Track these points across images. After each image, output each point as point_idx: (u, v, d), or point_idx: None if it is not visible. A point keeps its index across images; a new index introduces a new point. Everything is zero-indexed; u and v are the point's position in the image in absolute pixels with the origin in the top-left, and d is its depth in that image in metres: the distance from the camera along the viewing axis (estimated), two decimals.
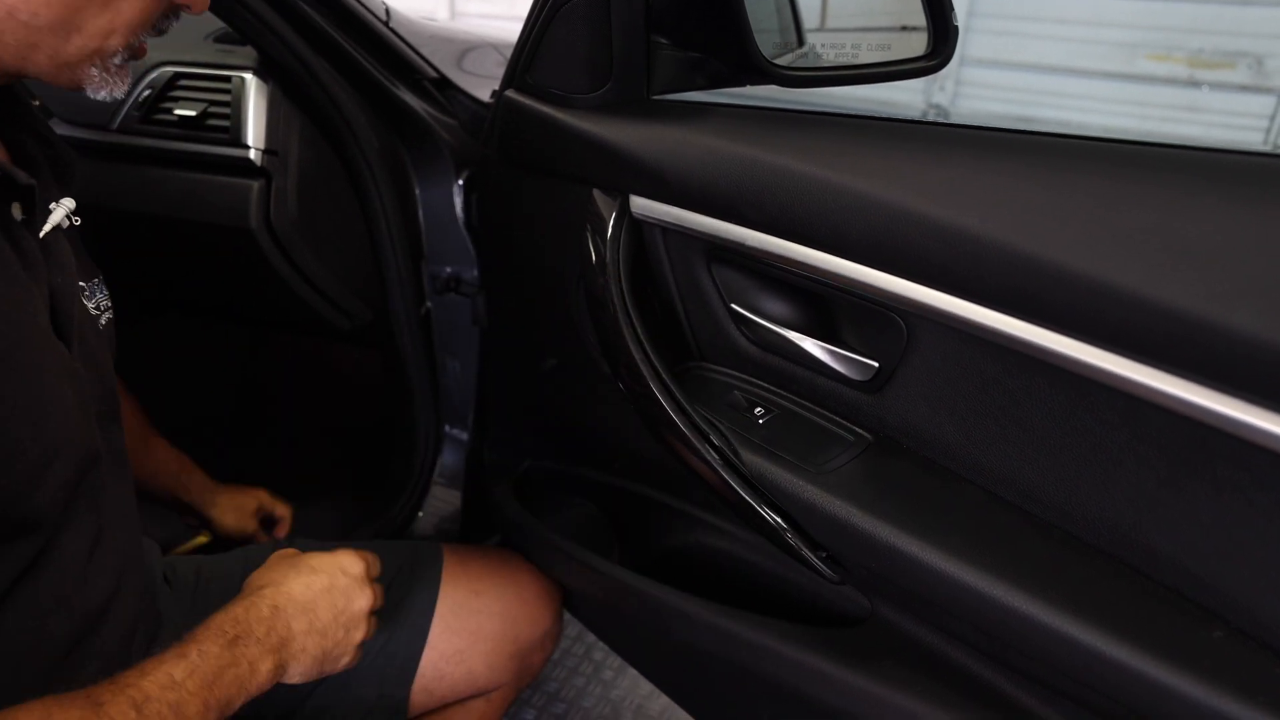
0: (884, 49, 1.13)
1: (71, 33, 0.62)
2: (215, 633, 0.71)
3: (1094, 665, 0.63)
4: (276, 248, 1.21)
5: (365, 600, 0.84)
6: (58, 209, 0.72)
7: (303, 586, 0.80)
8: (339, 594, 0.82)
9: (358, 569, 0.85)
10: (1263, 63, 5.54)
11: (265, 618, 0.76)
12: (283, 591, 0.79)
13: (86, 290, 0.79)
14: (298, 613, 0.78)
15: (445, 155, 1.25)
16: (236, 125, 1.18)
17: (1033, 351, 0.66)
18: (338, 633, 0.81)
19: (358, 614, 0.83)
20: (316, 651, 0.79)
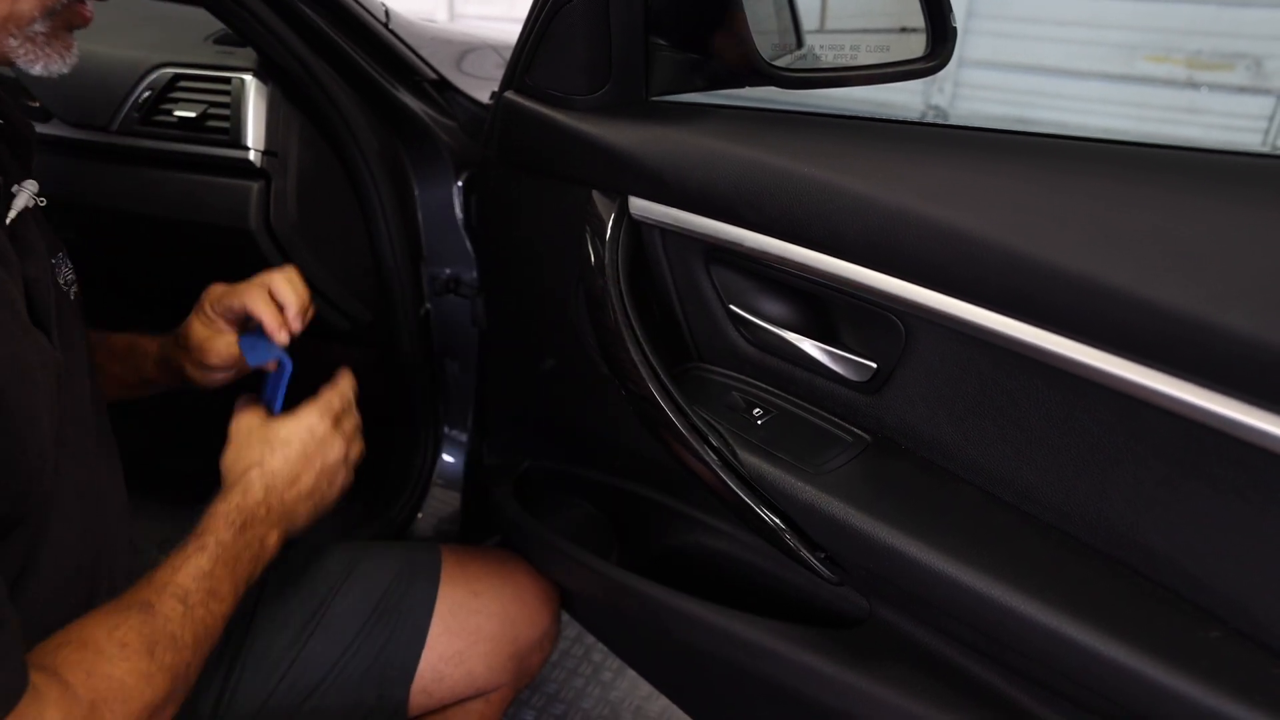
0: (883, 50, 1.13)
1: None
2: (224, 523, 0.79)
3: (1092, 665, 0.63)
4: (276, 249, 1.21)
5: (339, 448, 0.91)
6: (21, 193, 0.70)
7: (281, 460, 0.86)
8: (315, 455, 0.88)
9: (324, 425, 0.90)
10: (1261, 64, 5.54)
11: (261, 500, 0.83)
12: (267, 471, 0.85)
13: (55, 265, 0.78)
14: (286, 486, 0.86)
15: (444, 157, 1.25)
16: (236, 127, 1.18)
17: (1030, 352, 0.66)
18: (324, 487, 0.90)
19: (335, 464, 0.91)
20: (309, 509, 0.88)
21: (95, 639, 0.64)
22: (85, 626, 0.65)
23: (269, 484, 0.84)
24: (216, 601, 0.74)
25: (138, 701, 0.63)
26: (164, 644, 0.67)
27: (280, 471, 0.86)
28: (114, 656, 0.63)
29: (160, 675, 0.65)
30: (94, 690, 0.60)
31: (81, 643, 0.63)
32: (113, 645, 0.64)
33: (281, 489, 0.85)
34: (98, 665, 0.62)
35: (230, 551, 0.77)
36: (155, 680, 0.65)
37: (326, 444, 0.90)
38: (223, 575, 0.76)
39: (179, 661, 0.68)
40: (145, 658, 0.65)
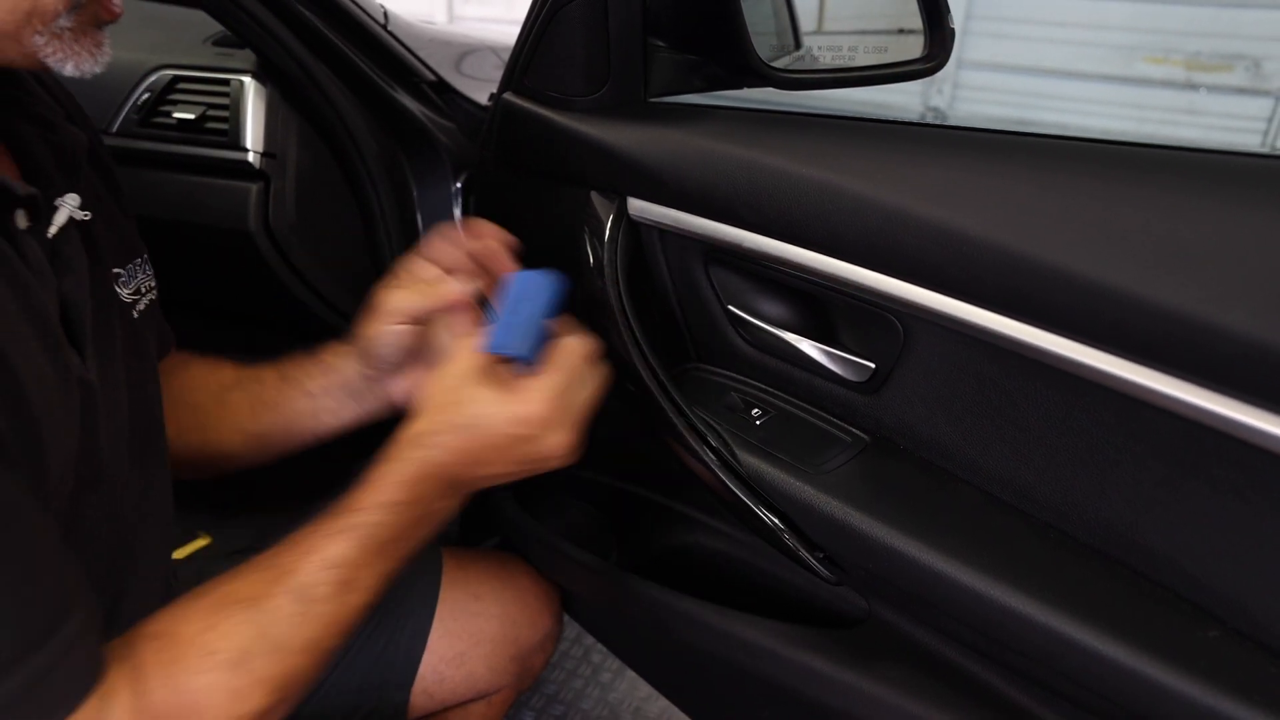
0: (881, 51, 1.13)
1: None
2: (383, 498, 0.66)
3: (1091, 665, 0.63)
4: (275, 250, 1.21)
5: (558, 442, 0.70)
6: (63, 207, 0.67)
7: (474, 442, 0.69)
8: (515, 448, 0.70)
9: (542, 415, 0.69)
10: (1260, 65, 5.55)
11: (438, 473, 0.69)
12: (460, 444, 0.69)
13: (124, 275, 0.74)
14: (475, 464, 0.70)
15: (443, 158, 1.25)
16: (235, 128, 1.18)
17: (1029, 352, 0.66)
18: (526, 470, 0.72)
19: (546, 459, 0.71)
20: (504, 481, 0.72)
21: (184, 638, 0.58)
22: (180, 618, 0.60)
23: (458, 458, 0.69)
24: (352, 593, 0.64)
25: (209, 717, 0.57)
26: (262, 652, 0.59)
27: (472, 451, 0.69)
28: (196, 667, 0.57)
29: (252, 689, 0.58)
30: (167, 701, 0.56)
31: (170, 638, 0.58)
32: (197, 651, 0.58)
33: (470, 465, 0.70)
34: (176, 673, 0.57)
35: (384, 534, 0.66)
36: (243, 695, 0.58)
37: (536, 441, 0.70)
38: (367, 562, 0.65)
39: (282, 671, 0.60)
40: (233, 670, 0.58)
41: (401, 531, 0.67)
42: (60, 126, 0.70)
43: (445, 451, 0.68)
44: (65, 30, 0.57)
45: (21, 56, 0.57)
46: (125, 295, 0.75)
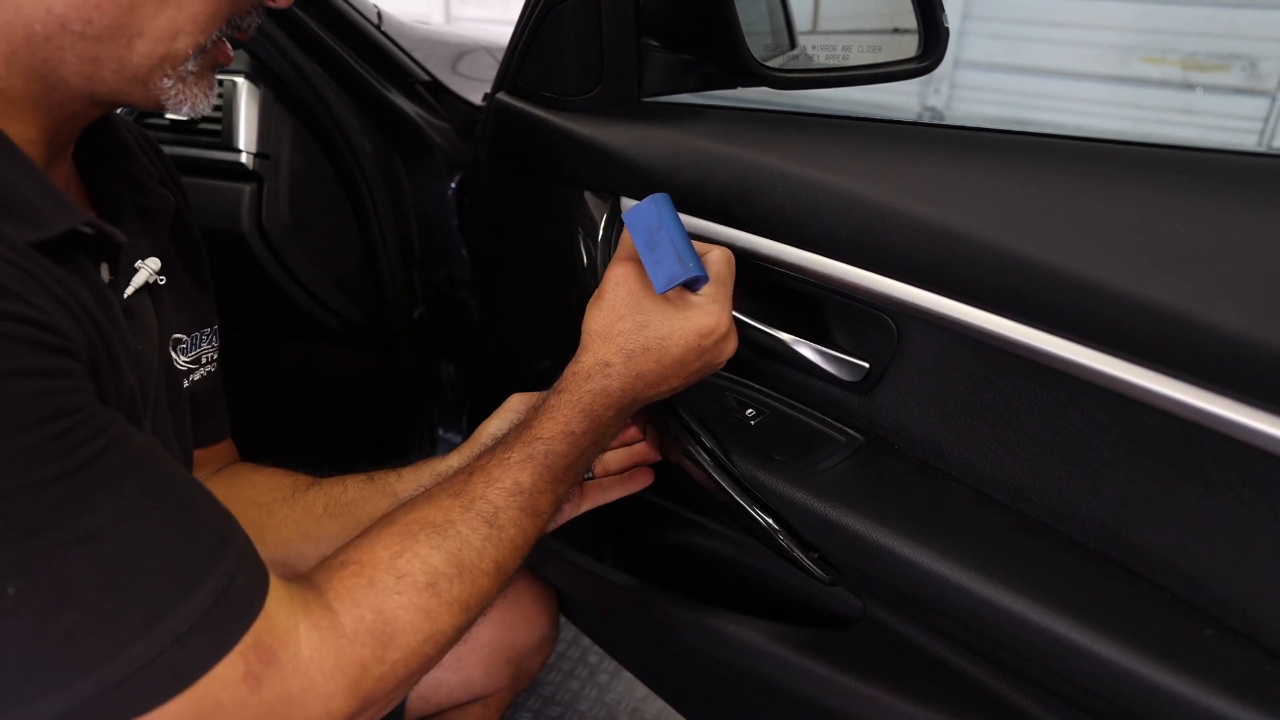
0: (875, 51, 1.13)
1: (133, 38, 0.54)
2: (563, 427, 0.69)
3: (1085, 664, 0.63)
4: (269, 251, 1.21)
5: (725, 353, 0.75)
6: (143, 268, 0.67)
7: (655, 361, 0.72)
8: (693, 362, 0.73)
9: (723, 325, 0.73)
10: (1256, 65, 5.56)
11: (614, 400, 0.71)
12: (633, 369, 0.71)
13: (185, 342, 0.75)
14: (646, 387, 0.73)
15: (438, 158, 1.25)
16: (228, 129, 1.18)
17: (1023, 351, 0.66)
18: (694, 381, 0.76)
19: (710, 368, 0.75)
20: (667, 396, 0.76)
21: (375, 563, 0.59)
22: (370, 545, 0.61)
23: (631, 385, 0.72)
24: (532, 519, 0.67)
25: (407, 635, 0.58)
26: (454, 574, 0.61)
27: (649, 374, 0.72)
28: (388, 589, 0.58)
29: (442, 610, 0.60)
30: (358, 621, 0.56)
31: (359, 565, 0.59)
32: (389, 576, 0.58)
33: (642, 390, 0.72)
34: (367, 597, 0.57)
35: (561, 462, 0.68)
36: (435, 615, 0.59)
37: (715, 349, 0.74)
38: (546, 489, 0.67)
39: (471, 593, 0.62)
40: (425, 592, 0.59)
41: (576, 459, 0.70)
42: (151, 190, 0.71)
43: (621, 379, 0.71)
44: (189, 74, 0.58)
45: (145, 99, 0.58)
46: (181, 362, 0.75)
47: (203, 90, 0.60)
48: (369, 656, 0.56)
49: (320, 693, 0.53)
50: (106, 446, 0.47)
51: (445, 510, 0.64)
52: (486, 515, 0.64)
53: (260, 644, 0.51)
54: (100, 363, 0.53)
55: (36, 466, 0.44)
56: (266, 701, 0.51)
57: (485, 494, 0.65)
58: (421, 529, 0.62)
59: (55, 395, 0.46)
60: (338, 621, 0.55)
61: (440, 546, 0.61)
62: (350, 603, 0.57)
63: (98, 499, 0.46)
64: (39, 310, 0.46)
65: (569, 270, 0.99)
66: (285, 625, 0.53)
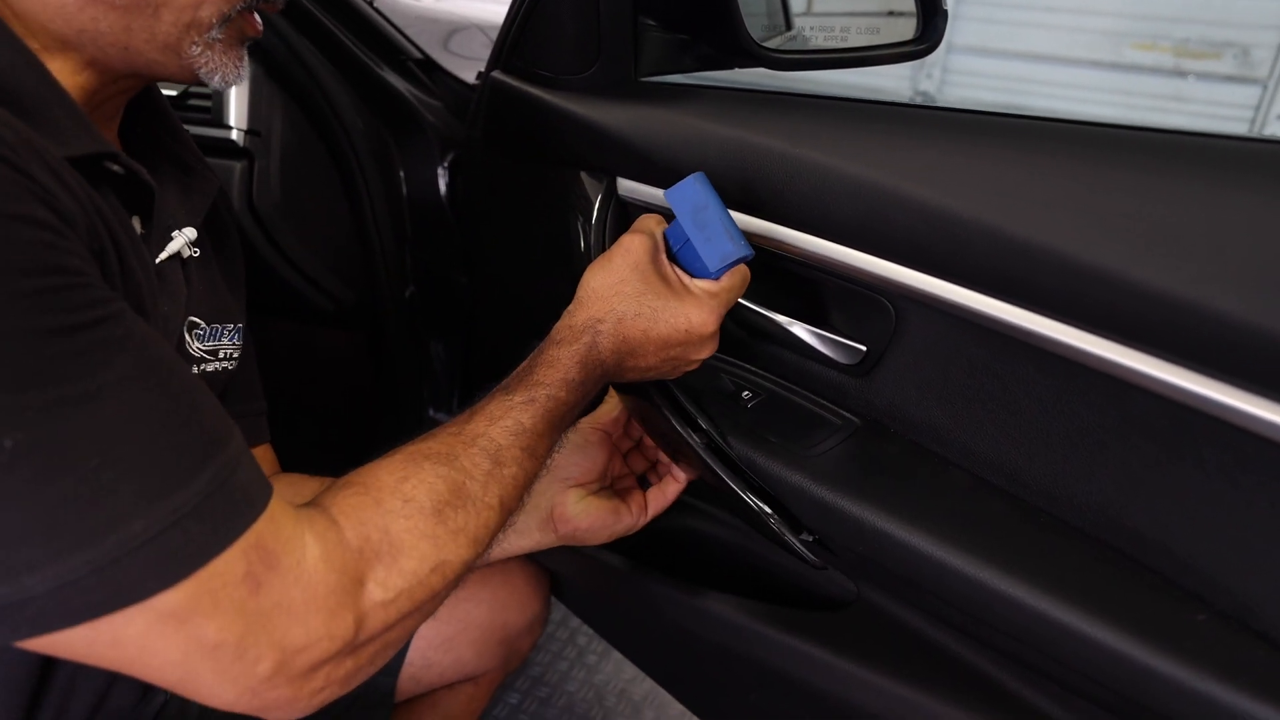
0: (872, 33, 1.13)
1: (159, 8, 0.58)
2: (562, 377, 0.70)
3: (1078, 648, 0.63)
4: (259, 229, 1.20)
5: (706, 351, 0.77)
6: (179, 237, 0.68)
7: (642, 332, 0.74)
8: (677, 347, 0.75)
9: (711, 323, 0.75)
10: (1249, 53, 5.57)
11: (604, 359, 0.73)
12: (622, 333, 0.73)
13: (202, 329, 0.75)
14: (630, 355, 0.74)
15: (430, 137, 1.24)
16: (218, 105, 1.17)
17: (1020, 335, 0.66)
18: (665, 370, 0.78)
19: (690, 363, 0.78)
20: (636, 379, 0.78)
21: (380, 485, 0.59)
22: (375, 470, 0.61)
23: (616, 347, 0.73)
24: (531, 460, 0.67)
25: (413, 559, 0.57)
26: (457, 504, 0.61)
27: (633, 340, 0.74)
28: (393, 510, 0.58)
29: (448, 538, 0.59)
30: (363, 538, 0.55)
31: (364, 487, 0.59)
32: (395, 498, 0.58)
33: (624, 355, 0.74)
34: (373, 516, 0.57)
35: (560, 408, 0.70)
36: (442, 542, 0.59)
37: (695, 345, 0.76)
38: (544, 432, 0.68)
39: (477, 524, 0.62)
40: (431, 518, 0.59)
41: (570, 410, 0.71)
42: (197, 171, 0.73)
43: (609, 339, 0.73)
44: (217, 41, 0.62)
45: (179, 69, 0.61)
46: (194, 348, 0.74)
47: (233, 61, 0.63)
48: (371, 575, 0.55)
49: (321, 607, 0.51)
50: (109, 316, 0.47)
51: (449, 444, 0.64)
52: (489, 451, 0.64)
53: (263, 545, 0.50)
54: (107, 257, 0.53)
55: (37, 314, 0.43)
56: (264, 608, 0.49)
57: (488, 431, 0.66)
58: (425, 458, 0.62)
59: (59, 251, 0.45)
60: (343, 536, 0.54)
61: (445, 476, 0.61)
62: (356, 520, 0.56)
63: (99, 362, 0.45)
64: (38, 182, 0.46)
65: (562, 250, 0.98)
66: (290, 532, 0.52)
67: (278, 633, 0.50)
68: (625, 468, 0.94)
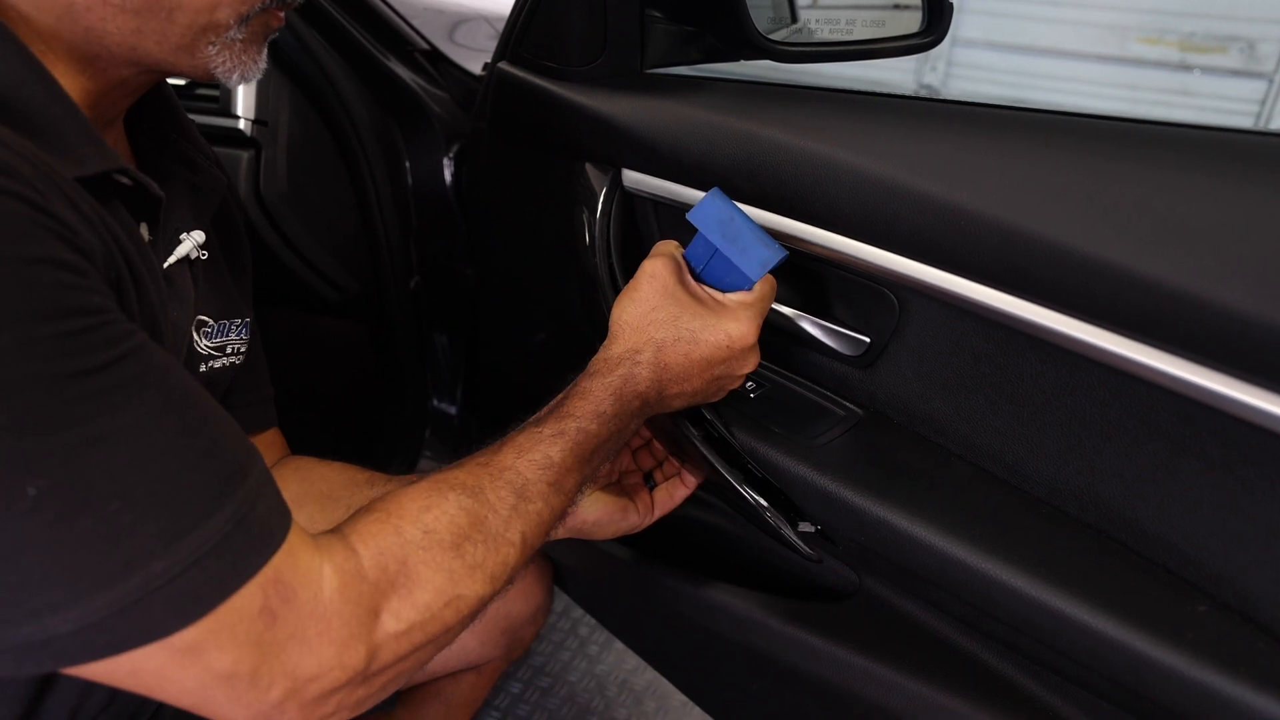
0: (878, 25, 1.13)
1: (173, 10, 0.55)
2: (594, 409, 0.70)
3: (1080, 638, 0.64)
4: (265, 219, 1.20)
5: (749, 364, 0.78)
6: (187, 240, 0.68)
7: (683, 356, 0.74)
8: (719, 364, 0.75)
9: (751, 335, 0.75)
10: (1254, 47, 5.54)
11: (643, 391, 0.73)
12: (662, 361, 0.73)
13: (209, 327, 0.74)
14: (673, 382, 0.74)
15: (436, 128, 1.24)
16: (225, 95, 1.17)
17: (1024, 327, 0.66)
18: (709, 394, 0.78)
19: (734, 378, 0.78)
20: (685, 404, 0.78)
21: (402, 513, 0.59)
22: (399, 497, 0.60)
23: (657, 376, 0.73)
24: (558, 495, 0.66)
25: (428, 593, 0.57)
26: (479, 539, 0.60)
27: (675, 366, 0.73)
28: (413, 542, 0.57)
29: (465, 573, 0.59)
30: (380, 568, 0.55)
31: (386, 513, 0.58)
32: (416, 528, 0.58)
33: (667, 383, 0.74)
34: (392, 545, 0.57)
35: (591, 441, 0.69)
36: (458, 577, 0.58)
37: (739, 360, 0.76)
38: (573, 467, 0.67)
39: (496, 560, 0.61)
40: (449, 552, 0.58)
41: (603, 443, 0.70)
42: (204, 169, 0.72)
43: (650, 368, 0.72)
44: (236, 41, 0.59)
45: (192, 68, 0.59)
46: (202, 345, 0.74)
47: (252, 58, 0.60)
48: (386, 608, 0.55)
49: (335, 638, 0.52)
50: (128, 353, 0.47)
51: (475, 475, 0.63)
52: (515, 485, 0.64)
53: (281, 578, 0.50)
54: (124, 284, 0.52)
55: (58, 359, 0.43)
56: (279, 639, 0.50)
57: (515, 464, 0.65)
58: (451, 488, 0.61)
59: (80, 291, 0.45)
60: (361, 566, 0.55)
61: (468, 509, 0.61)
62: (375, 549, 0.56)
63: (118, 402, 0.45)
64: (58, 216, 0.46)
65: (567, 242, 0.98)
66: (308, 564, 0.52)
67: (291, 663, 0.50)
68: (634, 464, 0.94)
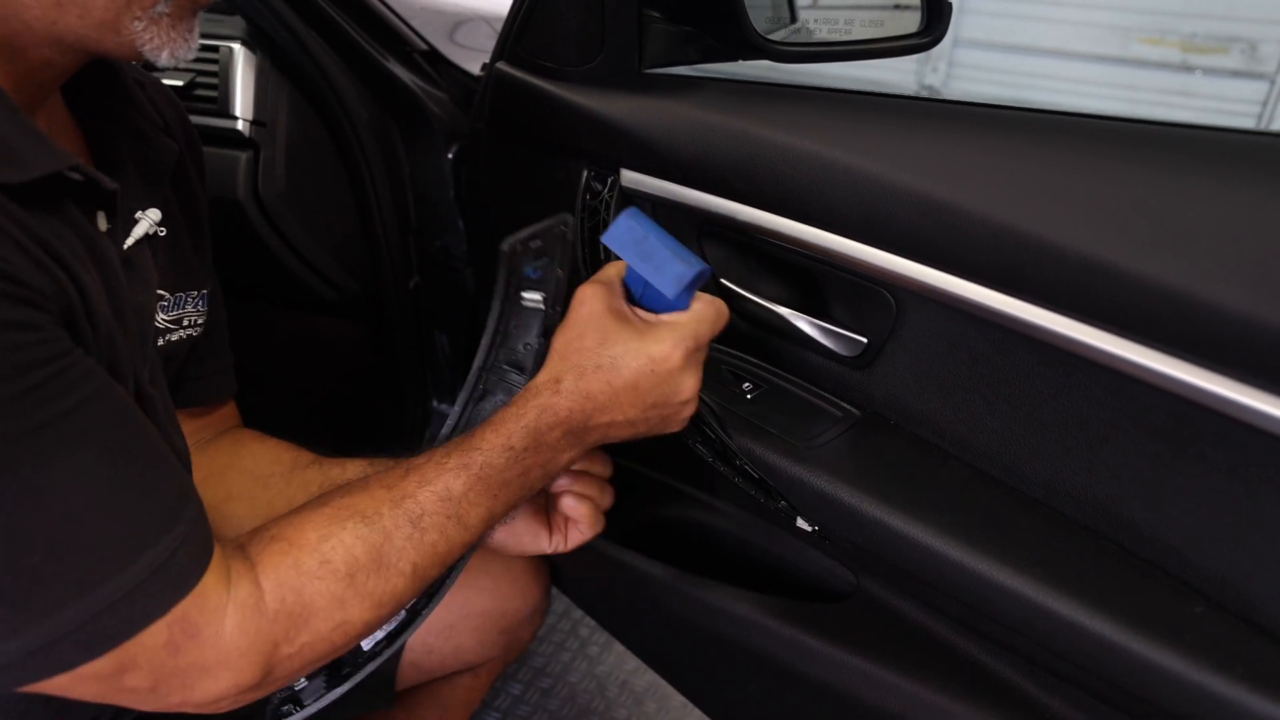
0: (877, 25, 1.13)
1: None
2: (503, 443, 0.67)
3: (1077, 639, 0.63)
4: (264, 219, 1.20)
5: (685, 388, 0.72)
6: (143, 219, 0.67)
7: (604, 383, 0.70)
8: (649, 390, 0.71)
9: (676, 356, 0.70)
10: (1256, 48, 5.53)
11: (562, 420, 0.69)
12: (583, 388, 0.69)
13: (168, 301, 0.74)
14: (598, 411, 0.70)
15: (435, 128, 1.24)
16: (224, 96, 1.17)
17: (1021, 328, 0.66)
18: (650, 422, 0.73)
19: (673, 405, 0.73)
20: (627, 435, 0.73)
21: (302, 543, 0.60)
22: (301, 525, 0.61)
23: (580, 405, 0.69)
24: (458, 528, 0.65)
25: (321, 620, 0.59)
26: (371, 568, 0.61)
27: (599, 394, 0.69)
28: (310, 572, 0.59)
29: (356, 601, 0.61)
30: (279, 601, 0.58)
31: (288, 543, 0.60)
32: (314, 559, 0.60)
33: (593, 413, 0.70)
34: (291, 577, 0.59)
35: (499, 478, 0.67)
36: (349, 604, 0.60)
37: (667, 385, 0.71)
38: (477, 501, 0.66)
39: (386, 590, 0.62)
40: (343, 581, 0.60)
41: (515, 477, 0.68)
42: (154, 139, 0.70)
43: (570, 397, 0.69)
44: (163, 16, 0.57)
45: (118, 46, 0.56)
46: (161, 320, 0.74)
47: (181, 35, 0.58)
48: (282, 636, 0.58)
49: (232, 666, 0.56)
50: (76, 405, 0.49)
51: (376, 502, 0.64)
52: (413, 515, 0.64)
53: (188, 618, 0.53)
54: (76, 313, 0.53)
55: (5, 419, 0.45)
56: (180, 666, 0.54)
57: (416, 494, 0.65)
58: (350, 516, 0.62)
59: (25, 349, 0.47)
60: (262, 600, 0.57)
61: (364, 538, 0.62)
62: (275, 581, 0.58)
63: (56, 457, 0.48)
64: (4, 261, 0.46)
65: None
66: (215, 603, 0.55)
67: (190, 684, 0.55)
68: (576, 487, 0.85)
